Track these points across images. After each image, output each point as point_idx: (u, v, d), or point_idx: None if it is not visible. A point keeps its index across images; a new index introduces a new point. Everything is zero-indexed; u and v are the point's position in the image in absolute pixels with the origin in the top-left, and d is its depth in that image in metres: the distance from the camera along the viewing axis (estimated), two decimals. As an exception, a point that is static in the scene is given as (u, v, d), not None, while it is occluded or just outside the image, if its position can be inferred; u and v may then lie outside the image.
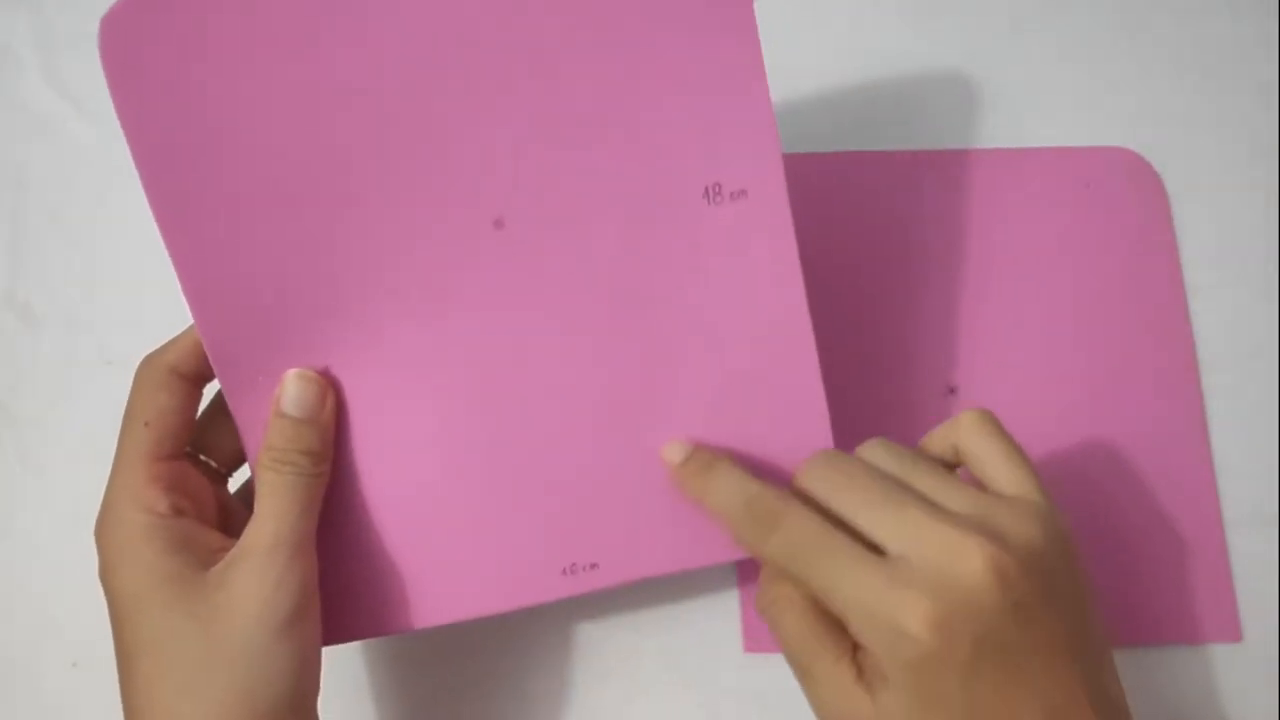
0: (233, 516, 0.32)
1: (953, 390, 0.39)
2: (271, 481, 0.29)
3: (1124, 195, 0.42)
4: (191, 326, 0.31)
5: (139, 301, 0.41)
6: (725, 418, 0.32)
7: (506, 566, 0.32)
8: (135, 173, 0.29)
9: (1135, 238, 0.41)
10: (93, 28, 0.44)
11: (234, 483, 0.34)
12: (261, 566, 0.28)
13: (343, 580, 0.31)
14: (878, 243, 0.41)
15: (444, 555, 0.32)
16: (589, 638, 0.38)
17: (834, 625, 0.28)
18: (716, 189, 0.31)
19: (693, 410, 0.32)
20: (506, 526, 0.32)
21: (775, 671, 0.38)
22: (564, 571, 0.32)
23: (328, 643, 0.31)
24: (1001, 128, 0.43)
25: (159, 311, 0.35)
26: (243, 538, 0.29)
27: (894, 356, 0.40)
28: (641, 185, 0.31)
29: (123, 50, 0.29)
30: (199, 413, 0.32)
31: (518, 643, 0.38)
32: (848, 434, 0.34)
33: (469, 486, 0.32)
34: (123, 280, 0.42)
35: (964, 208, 0.41)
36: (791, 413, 0.32)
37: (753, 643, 0.37)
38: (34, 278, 0.42)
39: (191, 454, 0.32)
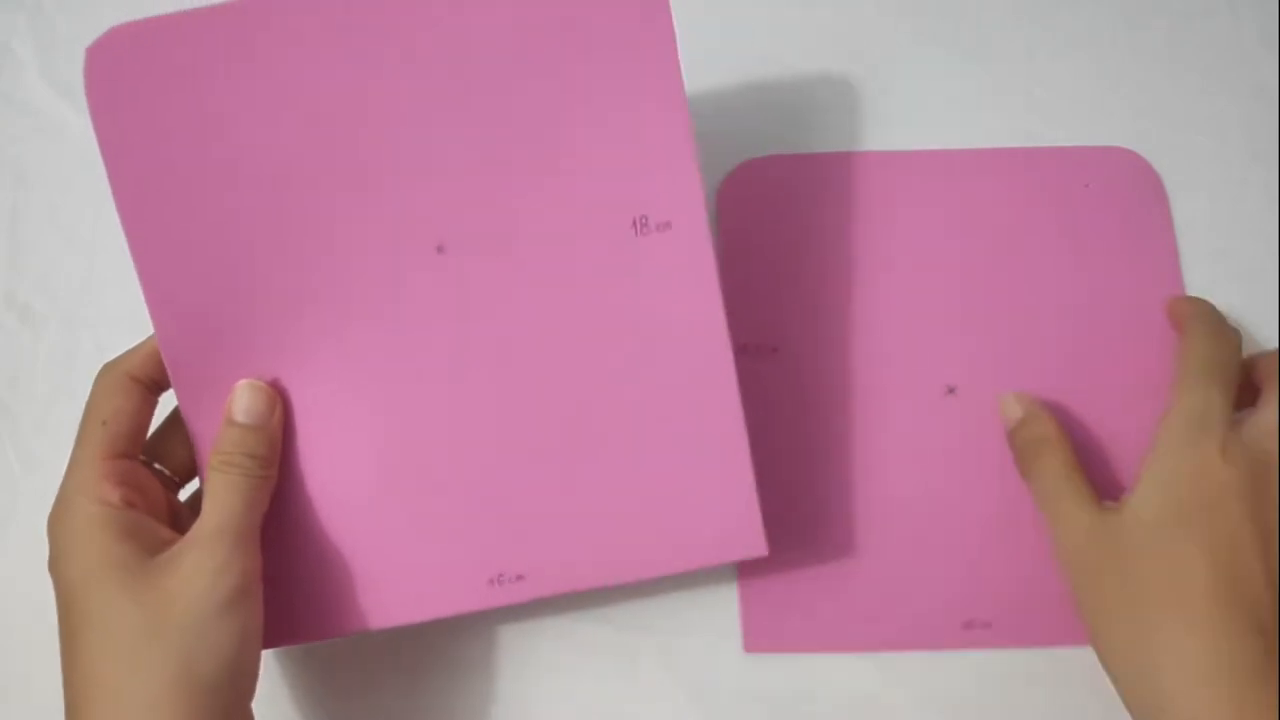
0: (183, 520, 0.33)
1: (951, 390, 0.39)
2: (219, 481, 0.31)
3: (1124, 195, 0.42)
4: (150, 336, 0.33)
5: (139, 301, 0.41)
6: (649, 444, 0.33)
7: (435, 575, 0.34)
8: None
9: (1135, 238, 0.41)
10: (92, 27, 0.45)
11: (185, 496, 0.35)
12: (206, 551, 0.30)
13: (281, 584, 0.33)
14: (875, 243, 0.41)
15: (377, 562, 0.34)
16: (587, 638, 0.38)
17: (1085, 477, 0.34)
18: (644, 220, 0.33)
19: (618, 435, 0.33)
20: (435, 535, 0.33)
21: (774, 672, 0.38)
22: (491, 581, 0.33)
23: (268, 645, 0.32)
24: (1001, 128, 0.43)
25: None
26: (190, 530, 0.31)
27: (892, 356, 0.40)
28: (575, 214, 0.32)
29: (106, 78, 0.31)
30: (158, 424, 0.34)
31: (515, 643, 0.38)
32: (844, 434, 0.34)
33: (402, 496, 0.33)
34: (123, 280, 0.41)
35: (963, 207, 0.41)
36: (712, 446, 0.33)
37: (753, 642, 0.37)
38: (34, 278, 0.42)
39: (147, 462, 0.34)
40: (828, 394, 0.38)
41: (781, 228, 0.40)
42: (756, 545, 0.33)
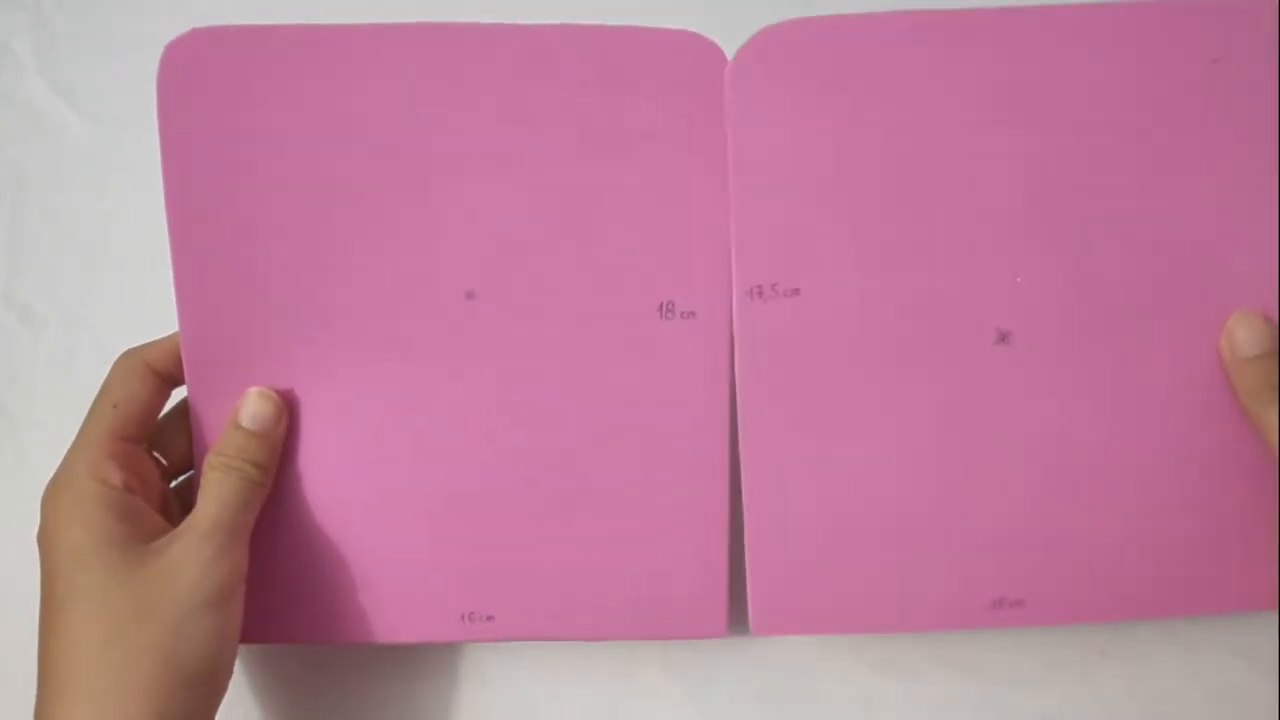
0: (172, 509, 0.34)
1: (1004, 338, 0.33)
2: (217, 480, 0.32)
3: (1266, 72, 0.31)
4: (174, 332, 0.33)
5: (139, 301, 0.41)
6: (634, 515, 0.34)
7: (410, 603, 0.34)
8: (134, 172, 0.29)
9: (1267, 133, 0.31)
10: (92, 28, 0.45)
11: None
12: (199, 543, 0.31)
13: (263, 583, 0.34)
14: (919, 145, 0.32)
15: (356, 580, 0.34)
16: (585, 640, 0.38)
17: None
18: (670, 306, 0.33)
19: (606, 500, 0.34)
20: (416, 566, 0.35)
21: (774, 671, 0.38)
22: (462, 617, 0.34)
23: (244, 641, 0.33)
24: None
25: (159, 311, 0.35)
26: (185, 521, 0.31)
27: (933, 296, 0.33)
28: (604, 287, 0.33)
29: (178, 74, 0.32)
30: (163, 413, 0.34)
31: (513, 642, 0.38)
32: (872, 391, 0.33)
33: (390, 522, 0.34)
34: (123, 280, 0.42)
35: (1033, 93, 0.31)
36: (694, 529, 0.34)
37: (762, 623, 0.34)
38: (34, 278, 0.42)
39: (146, 448, 0.34)
40: (856, 343, 0.33)
41: (808, 126, 0.32)
42: (718, 628, 0.35)
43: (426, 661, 0.38)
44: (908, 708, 0.37)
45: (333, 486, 0.34)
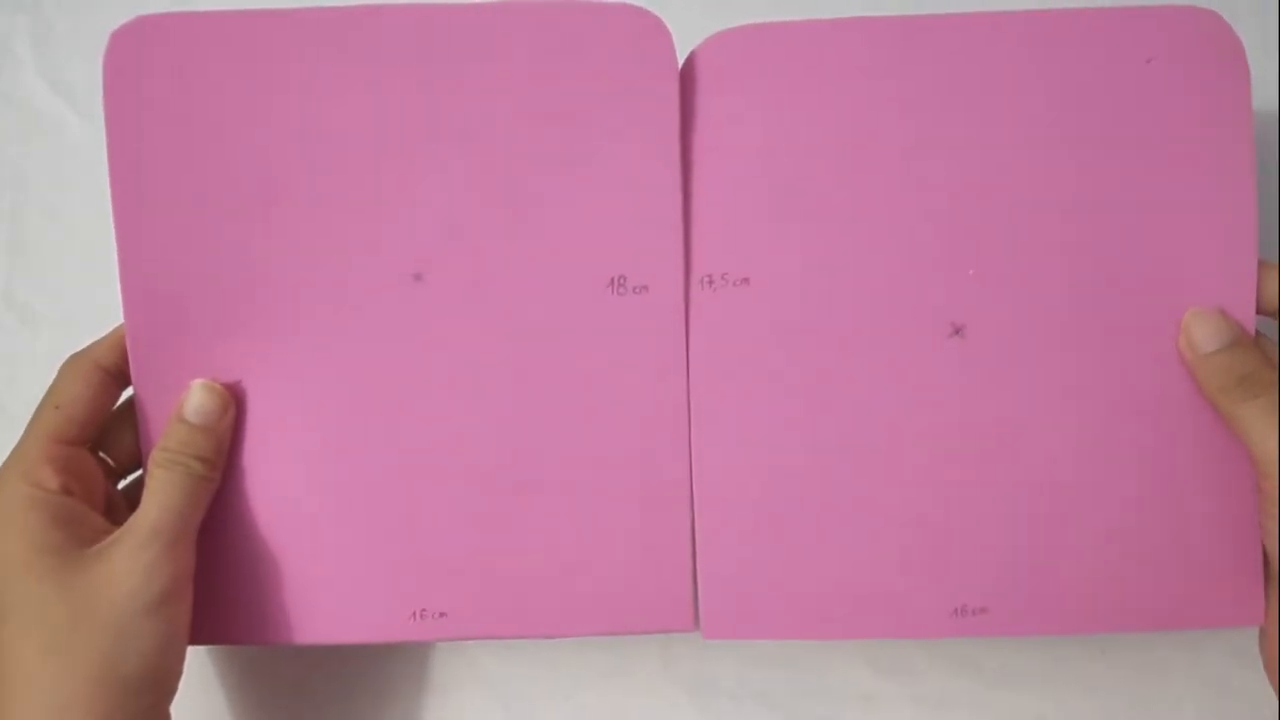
0: (118, 510, 0.33)
1: (958, 331, 0.33)
2: (161, 477, 0.31)
3: (1198, 73, 0.32)
4: (120, 325, 0.33)
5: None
6: (592, 504, 0.33)
7: (358, 601, 0.33)
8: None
9: (1211, 136, 0.32)
10: (92, 27, 0.45)
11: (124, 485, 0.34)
12: (140, 547, 0.30)
13: (213, 582, 0.33)
14: (872, 141, 0.33)
15: (306, 578, 0.33)
16: (585, 639, 0.38)
17: None
18: (621, 280, 0.33)
19: (562, 488, 0.33)
20: (363, 562, 0.33)
21: (774, 671, 0.38)
22: (413, 615, 0.33)
23: (193, 642, 0.32)
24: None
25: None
26: (127, 522, 0.30)
27: (886, 287, 0.33)
28: (553, 264, 0.33)
29: (125, 61, 0.32)
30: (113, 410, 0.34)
31: (511, 641, 0.38)
32: (823, 385, 0.32)
33: (339, 517, 0.33)
34: (122, 280, 0.42)
35: (975, 92, 0.33)
36: (654, 517, 0.33)
37: (713, 628, 0.34)
38: (34, 278, 0.42)
39: (92, 449, 0.33)
40: (807, 335, 0.33)
41: (758, 122, 0.33)
42: (683, 621, 0.33)
43: (423, 661, 0.38)
44: (908, 707, 0.37)
45: (279, 481, 0.33)
